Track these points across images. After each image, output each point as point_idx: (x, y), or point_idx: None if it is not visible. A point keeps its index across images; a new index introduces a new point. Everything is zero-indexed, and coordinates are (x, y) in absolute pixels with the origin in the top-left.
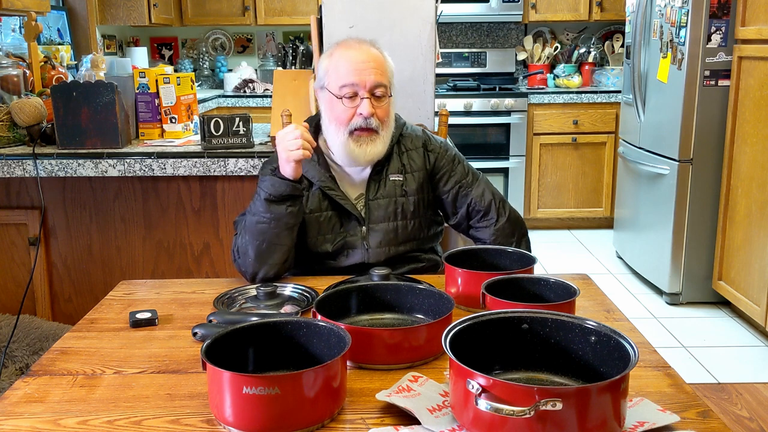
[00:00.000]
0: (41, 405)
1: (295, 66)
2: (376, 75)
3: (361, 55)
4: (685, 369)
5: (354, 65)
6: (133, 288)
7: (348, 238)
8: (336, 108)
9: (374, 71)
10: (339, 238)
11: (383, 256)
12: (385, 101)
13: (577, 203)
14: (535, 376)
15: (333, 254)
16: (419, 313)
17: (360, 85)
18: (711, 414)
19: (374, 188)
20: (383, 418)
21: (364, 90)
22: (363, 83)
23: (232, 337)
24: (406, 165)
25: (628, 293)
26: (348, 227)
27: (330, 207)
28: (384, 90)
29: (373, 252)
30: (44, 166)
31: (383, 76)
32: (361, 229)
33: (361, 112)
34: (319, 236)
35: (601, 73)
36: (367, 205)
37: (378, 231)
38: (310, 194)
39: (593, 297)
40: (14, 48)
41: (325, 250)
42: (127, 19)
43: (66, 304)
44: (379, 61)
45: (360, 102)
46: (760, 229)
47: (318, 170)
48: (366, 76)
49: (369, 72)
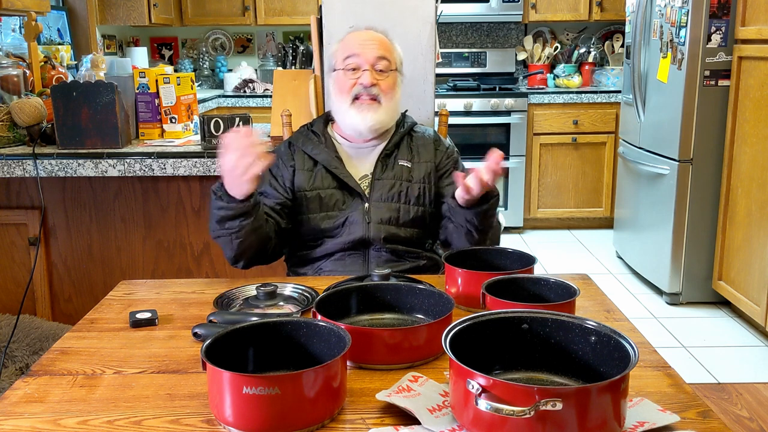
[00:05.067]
0: (41, 405)
1: (295, 66)
2: (378, 50)
3: (366, 34)
4: (685, 369)
5: (358, 41)
6: (133, 288)
7: (351, 213)
8: (340, 80)
9: (378, 47)
10: (341, 215)
11: (383, 233)
12: (388, 75)
13: (577, 203)
14: (535, 376)
15: (334, 230)
16: (419, 313)
17: (362, 57)
18: (711, 414)
19: (381, 168)
20: (383, 418)
21: (366, 63)
22: (365, 55)
23: (232, 337)
24: (415, 154)
25: (628, 293)
26: (351, 204)
27: (334, 185)
28: (387, 64)
29: (373, 227)
30: (44, 166)
31: (387, 51)
32: (363, 205)
33: (361, 82)
34: (321, 212)
35: (601, 73)
36: (372, 183)
37: (380, 208)
38: (315, 172)
39: (593, 297)
40: (14, 48)
41: (327, 227)
42: (127, 19)
43: (66, 304)
44: (384, 41)
45: (361, 74)
46: (760, 229)
47: (324, 150)
48: (368, 50)
49: (371, 46)
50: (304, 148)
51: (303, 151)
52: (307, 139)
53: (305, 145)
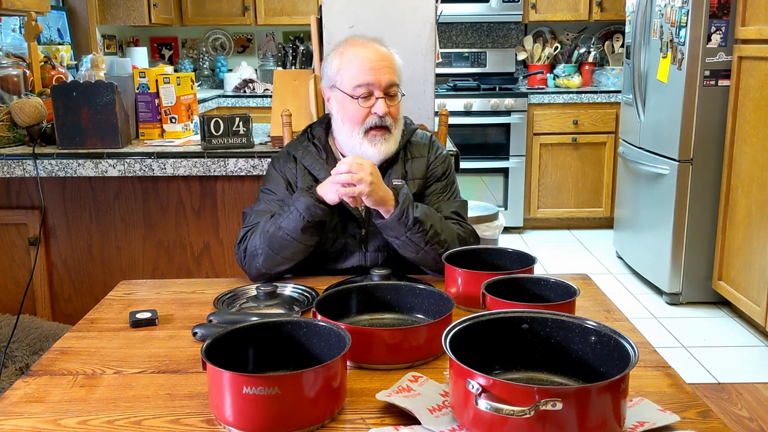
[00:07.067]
0: (41, 405)
1: (295, 66)
2: (390, 74)
3: (373, 54)
4: (685, 369)
5: (368, 64)
6: (133, 288)
7: (348, 239)
8: (349, 108)
9: (388, 70)
10: (340, 239)
11: (381, 259)
12: (397, 100)
13: (577, 203)
14: (535, 376)
15: (332, 255)
16: (419, 313)
17: (375, 85)
18: (711, 414)
19: None
20: (383, 418)
21: (379, 90)
22: (378, 83)
23: (232, 337)
24: (409, 172)
25: (628, 293)
26: (348, 228)
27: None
28: (396, 89)
29: (370, 256)
30: (44, 166)
31: (395, 74)
32: (360, 232)
33: (375, 112)
34: None
35: (601, 73)
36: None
37: (377, 234)
38: None
39: (593, 297)
40: (14, 48)
41: (325, 249)
42: (127, 19)
43: (66, 304)
44: (390, 59)
45: (375, 101)
46: (760, 229)
47: (325, 168)
48: (380, 76)
49: (383, 71)
50: (303, 162)
51: (303, 164)
52: (306, 151)
53: (304, 158)
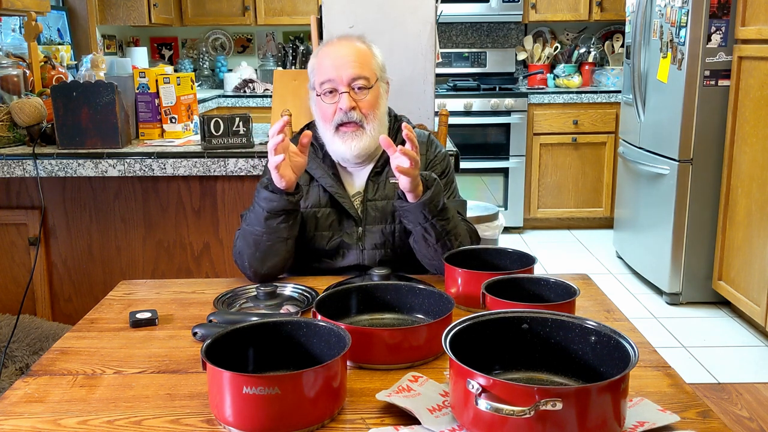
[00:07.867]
0: (41, 405)
1: (295, 66)
2: (354, 68)
3: (341, 49)
4: (685, 369)
5: (332, 60)
6: (133, 288)
7: (344, 237)
8: (321, 106)
9: (352, 64)
10: (336, 236)
11: (378, 258)
12: (367, 93)
13: (577, 203)
14: (535, 376)
15: (329, 253)
16: (419, 313)
17: (337, 81)
18: (711, 414)
19: (373, 189)
20: (383, 418)
21: (342, 85)
22: (340, 78)
23: (232, 337)
24: None
25: (628, 293)
26: (345, 226)
27: (329, 204)
28: (365, 82)
29: (368, 254)
30: (44, 166)
31: (363, 68)
32: (357, 230)
33: (341, 107)
34: (317, 232)
35: (601, 73)
36: (364, 205)
37: (374, 233)
38: (310, 189)
39: (593, 297)
40: (14, 48)
41: (321, 247)
42: (127, 19)
43: (66, 304)
44: (359, 53)
45: (339, 97)
46: (760, 229)
47: (322, 167)
48: (343, 71)
49: (346, 66)
50: None
51: None
52: None
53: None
